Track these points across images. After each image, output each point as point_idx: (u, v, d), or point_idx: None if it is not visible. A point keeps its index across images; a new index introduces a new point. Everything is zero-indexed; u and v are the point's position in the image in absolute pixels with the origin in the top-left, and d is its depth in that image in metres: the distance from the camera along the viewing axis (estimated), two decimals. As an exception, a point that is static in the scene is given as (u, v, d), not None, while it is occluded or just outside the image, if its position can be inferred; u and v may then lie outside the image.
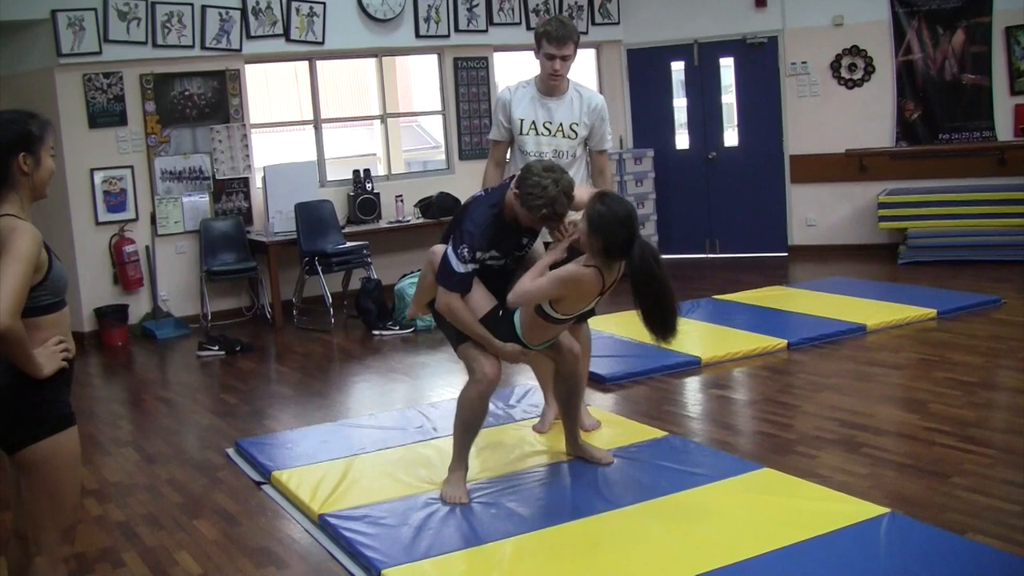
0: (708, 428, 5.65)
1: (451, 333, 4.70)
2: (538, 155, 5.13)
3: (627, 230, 4.14)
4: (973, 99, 10.31)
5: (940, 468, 4.72)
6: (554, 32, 5.08)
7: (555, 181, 4.29)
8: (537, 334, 4.53)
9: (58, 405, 3.13)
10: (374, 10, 10.03)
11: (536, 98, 5.23)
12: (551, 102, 5.22)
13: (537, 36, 5.16)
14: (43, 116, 3.22)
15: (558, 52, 5.08)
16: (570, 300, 4.37)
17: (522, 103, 5.21)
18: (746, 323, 7.75)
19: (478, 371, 4.57)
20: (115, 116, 9.08)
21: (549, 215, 4.31)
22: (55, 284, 3.11)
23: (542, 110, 5.21)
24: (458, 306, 4.47)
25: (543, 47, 5.10)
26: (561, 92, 5.24)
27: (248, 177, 9.73)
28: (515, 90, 5.29)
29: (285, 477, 5.03)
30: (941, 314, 7.70)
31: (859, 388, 6.13)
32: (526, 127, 5.19)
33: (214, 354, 8.24)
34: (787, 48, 10.99)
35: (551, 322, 4.45)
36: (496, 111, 5.30)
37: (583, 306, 4.44)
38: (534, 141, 5.21)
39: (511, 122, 5.22)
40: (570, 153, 5.26)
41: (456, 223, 4.60)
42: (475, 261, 4.44)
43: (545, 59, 5.11)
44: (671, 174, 11.47)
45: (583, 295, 4.35)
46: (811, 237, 11.13)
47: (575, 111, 5.25)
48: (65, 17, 8.66)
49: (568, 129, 5.23)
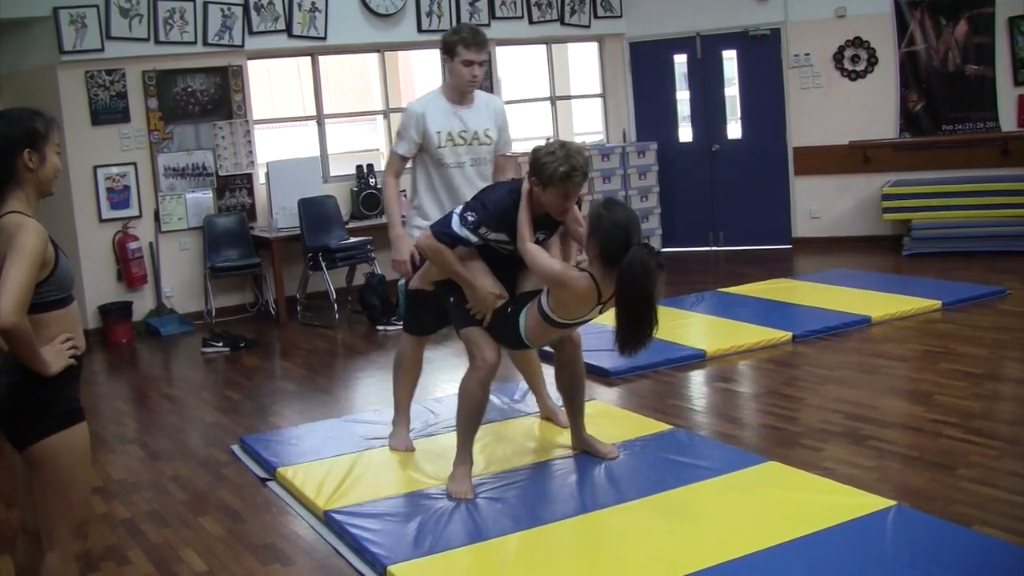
0: (713, 421, 5.65)
1: (456, 318, 4.71)
2: (458, 165, 5.19)
3: (624, 235, 4.14)
4: (976, 90, 10.28)
5: (946, 460, 4.71)
6: (471, 38, 5.11)
7: (562, 145, 4.36)
8: (540, 335, 4.55)
9: (66, 401, 3.14)
10: (376, 5, 10.01)
11: (449, 109, 5.21)
12: (463, 111, 5.21)
13: (451, 44, 5.14)
14: (48, 114, 3.22)
15: (476, 58, 5.10)
16: (567, 305, 4.36)
17: (436, 115, 5.17)
18: (751, 316, 7.74)
19: (478, 357, 4.59)
20: (118, 113, 9.07)
21: (568, 171, 4.28)
22: (62, 280, 3.11)
23: (456, 120, 5.19)
24: (440, 248, 4.51)
25: (459, 54, 5.09)
26: (471, 100, 5.26)
27: (251, 173, 9.72)
28: (426, 104, 5.24)
29: (290, 473, 5.03)
30: (946, 305, 7.69)
31: (864, 380, 6.12)
32: (443, 139, 5.17)
33: (218, 350, 8.24)
34: (790, 40, 10.97)
35: (553, 325, 4.45)
36: (407, 126, 5.19)
37: (581, 314, 4.42)
38: (452, 152, 5.19)
39: (426, 136, 5.16)
40: (487, 159, 5.32)
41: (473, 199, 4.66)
42: (477, 234, 4.48)
43: (463, 66, 5.11)
44: (674, 167, 11.45)
45: (579, 301, 4.34)
46: (815, 229, 11.12)
47: (486, 117, 5.29)
48: (67, 14, 8.65)
49: (484, 135, 5.27)
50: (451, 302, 4.68)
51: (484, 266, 4.59)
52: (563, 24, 11.17)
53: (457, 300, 4.65)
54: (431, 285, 4.85)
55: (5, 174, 3.07)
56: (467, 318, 4.62)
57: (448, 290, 4.69)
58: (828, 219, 11.05)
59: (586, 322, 4.55)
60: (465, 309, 4.61)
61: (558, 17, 11.12)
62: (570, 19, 11.19)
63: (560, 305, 4.37)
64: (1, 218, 3.03)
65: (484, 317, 4.57)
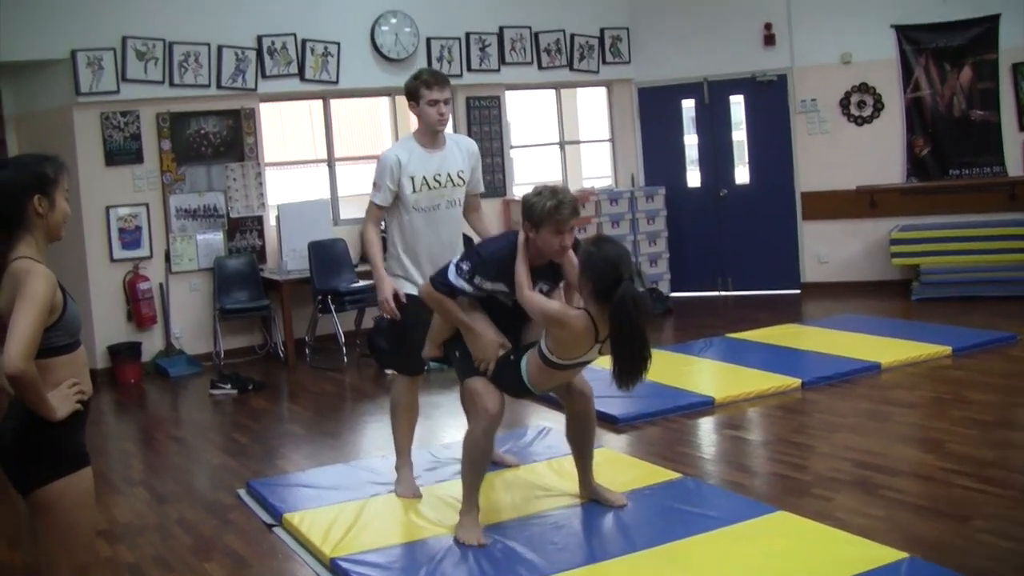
0: (722, 469, 5.61)
1: (460, 370, 4.75)
2: (432, 208, 5.21)
3: (616, 271, 4.14)
4: (982, 135, 10.32)
5: (959, 510, 4.67)
6: (432, 79, 5.17)
7: (547, 186, 4.50)
8: (543, 380, 4.55)
9: (72, 445, 3.13)
10: (388, 50, 10.09)
11: (422, 153, 5.23)
12: (436, 154, 5.23)
13: (413, 89, 5.19)
14: (58, 159, 3.24)
15: (440, 96, 5.15)
16: (565, 344, 4.35)
17: (411, 162, 5.18)
18: (759, 362, 7.71)
19: (480, 406, 4.58)
20: (131, 154, 9.13)
21: (556, 204, 4.35)
22: (69, 325, 3.12)
23: (431, 163, 5.21)
24: (439, 297, 4.60)
25: (423, 96, 5.14)
26: (442, 143, 5.28)
27: (262, 215, 9.76)
28: (398, 151, 5.25)
29: (296, 519, 5.00)
30: (956, 351, 7.67)
31: (874, 428, 6.09)
32: (418, 184, 5.17)
33: (226, 392, 8.23)
34: (796, 85, 11.02)
35: (554, 368, 4.45)
36: (382, 176, 5.20)
37: (580, 353, 4.40)
38: (427, 196, 5.20)
39: (401, 184, 5.17)
40: (460, 201, 5.35)
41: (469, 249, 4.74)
42: (472, 284, 4.53)
43: (428, 106, 5.14)
44: (683, 211, 11.46)
45: (576, 339, 4.32)
46: (823, 274, 11.11)
47: (459, 158, 5.33)
48: (84, 56, 8.74)
49: (457, 177, 5.30)
50: (456, 356, 4.72)
51: (486, 317, 4.63)
52: (572, 70, 11.24)
53: (462, 353, 4.68)
54: (440, 349, 4.86)
55: (15, 219, 3.09)
56: (470, 369, 4.64)
57: (452, 345, 4.74)
58: (836, 264, 11.05)
59: (586, 364, 4.54)
60: (469, 361, 4.64)
61: (567, 63, 11.19)
62: (579, 64, 11.25)
63: (558, 345, 4.36)
64: (11, 263, 3.04)
65: (488, 367, 4.58)
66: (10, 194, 3.08)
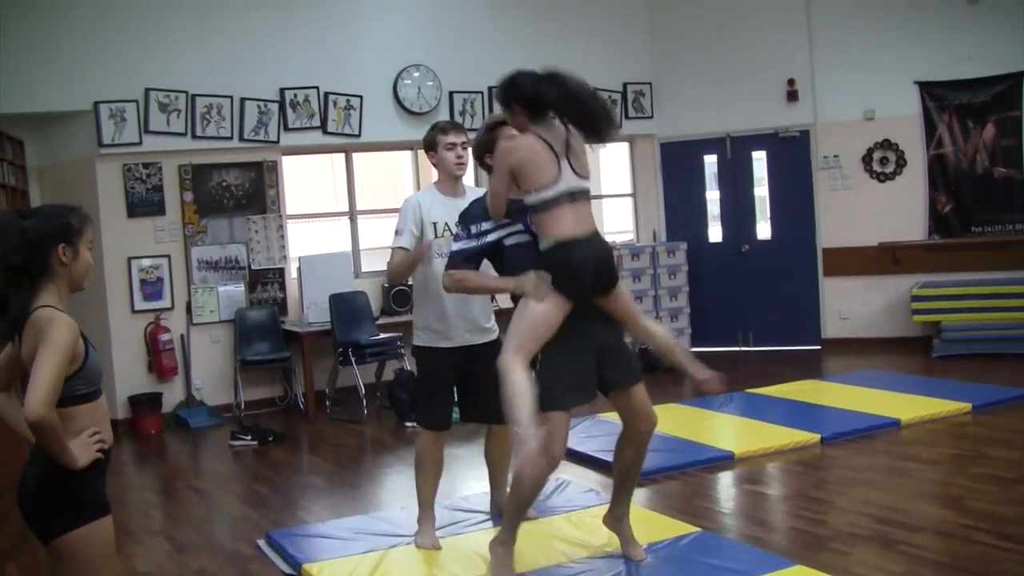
0: (741, 524, 5.58)
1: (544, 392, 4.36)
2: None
3: (531, 75, 4.49)
4: (1005, 192, 10.31)
5: (979, 567, 4.63)
6: (447, 126, 5.33)
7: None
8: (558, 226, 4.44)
9: (92, 494, 3.15)
10: (410, 103, 10.20)
11: (444, 200, 5.29)
12: (456, 202, 5.26)
13: (431, 139, 5.30)
14: (82, 210, 3.29)
15: (457, 139, 5.26)
16: (529, 173, 4.41)
17: (433, 208, 5.25)
18: (779, 417, 7.68)
19: (550, 448, 4.33)
20: (153, 205, 9.23)
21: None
22: (91, 374, 3.15)
23: (452, 210, 5.23)
24: (460, 276, 4.72)
25: (440, 142, 5.25)
26: (462, 192, 5.34)
27: (283, 267, 9.83)
28: (421, 198, 5.34)
29: (316, 570, 5.00)
30: (976, 408, 7.62)
31: (894, 483, 6.05)
32: (440, 229, 5.24)
33: (247, 443, 8.25)
34: (819, 141, 11.07)
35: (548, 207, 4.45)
36: (406, 220, 5.25)
37: (551, 174, 4.43)
38: (448, 243, 5.21)
39: (423, 227, 5.23)
40: None
41: None
42: (475, 237, 4.71)
43: (446, 151, 5.24)
44: (704, 266, 11.49)
45: (534, 158, 4.41)
46: (844, 330, 11.09)
47: None
48: (107, 108, 8.88)
49: None
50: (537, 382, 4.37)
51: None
52: (594, 124, 11.28)
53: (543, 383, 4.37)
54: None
55: (38, 268, 3.12)
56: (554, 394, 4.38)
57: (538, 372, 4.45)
58: (857, 320, 11.03)
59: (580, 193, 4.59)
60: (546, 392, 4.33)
61: (589, 117, 11.24)
62: (601, 119, 11.30)
63: (525, 179, 4.42)
64: (33, 312, 3.07)
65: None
66: (34, 243, 3.11)
